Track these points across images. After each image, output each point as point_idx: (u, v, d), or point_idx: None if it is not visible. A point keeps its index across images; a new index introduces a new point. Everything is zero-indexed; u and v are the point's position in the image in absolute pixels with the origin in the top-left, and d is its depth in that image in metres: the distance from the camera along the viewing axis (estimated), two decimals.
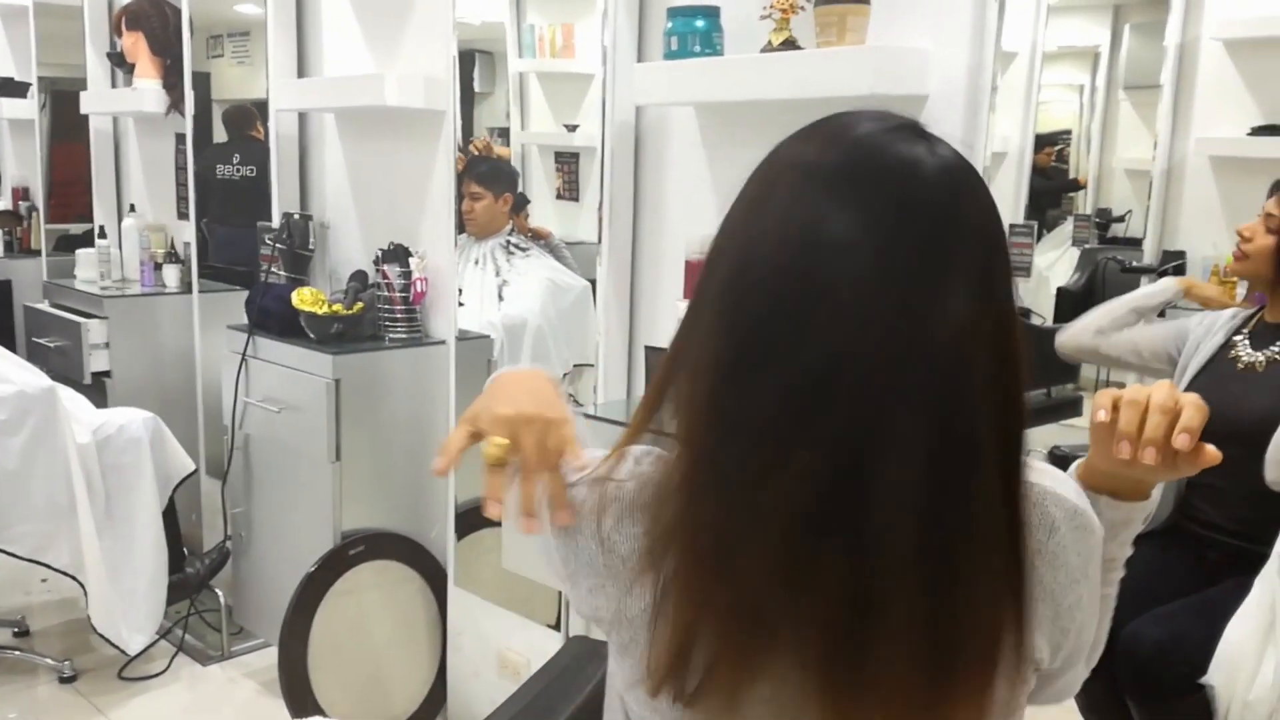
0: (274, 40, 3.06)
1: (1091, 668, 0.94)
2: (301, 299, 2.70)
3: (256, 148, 3.28)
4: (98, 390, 3.34)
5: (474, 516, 2.59)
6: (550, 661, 1.41)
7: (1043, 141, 1.98)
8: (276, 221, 3.07)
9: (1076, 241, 1.95)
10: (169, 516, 2.96)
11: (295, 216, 3.02)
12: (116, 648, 2.85)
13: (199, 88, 3.40)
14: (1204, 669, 1.52)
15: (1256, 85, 1.71)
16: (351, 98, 2.74)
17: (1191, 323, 1.81)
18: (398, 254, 2.67)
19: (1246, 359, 1.74)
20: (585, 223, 2.45)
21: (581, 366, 2.46)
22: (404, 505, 2.75)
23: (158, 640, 3.01)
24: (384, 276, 2.67)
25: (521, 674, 2.40)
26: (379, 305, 2.71)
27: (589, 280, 2.40)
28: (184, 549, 3.11)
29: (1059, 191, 2.03)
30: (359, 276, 2.80)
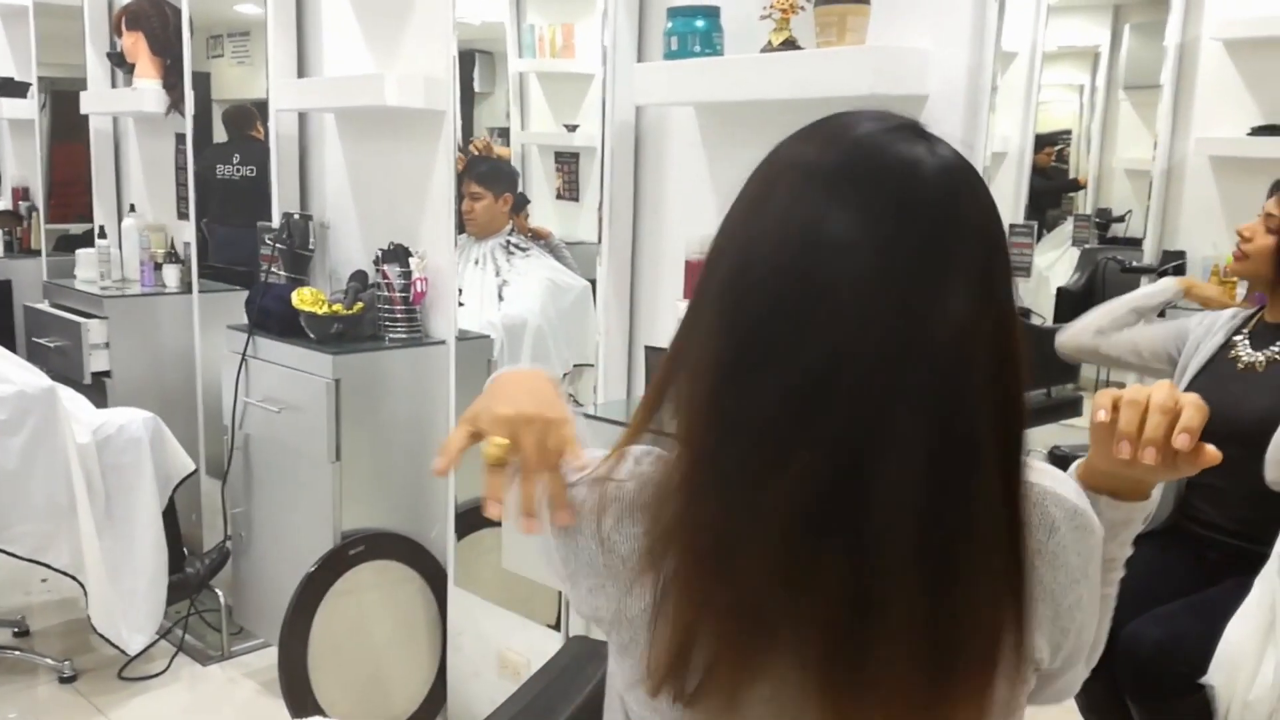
0: (274, 40, 3.06)
1: (1091, 668, 0.94)
2: (301, 299, 2.70)
3: (256, 148, 3.28)
4: (98, 390, 3.34)
5: (474, 516, 2.59)
6: (550, 661, 1.41)
7: (1043, 141, 1.98)
8: (276, 221, 3.07)
9: (1076, 241, 1.95)
10: (169, 516, 2.96)
11: (295, 216, 3.02)
12: (116, 648, 2.85)
13: (199, 88, 3.40)
14: (1204, 669, 1.52)
15: (1256, 85, 1.70)
16: (351, 98, 2.74)
17: (1191, 323, 1.81)
18: (398, 254, 2.67)
19: (1246, 359, 1.74)
20: (585, 223, 2.45)
21: (581, 366, 2.46)
22: (404, 505, 2.75)
23: (158, 640, 3.01)
24: (384, 276, 2.67)
25: (521, 674, 2.40)
26: (379, 305, 2.71)
27: (589, 280, 2.40)
28: (184, 549, 3.11)
29: (1059, 191, 2.02)
30: (359, 276, 2.80)
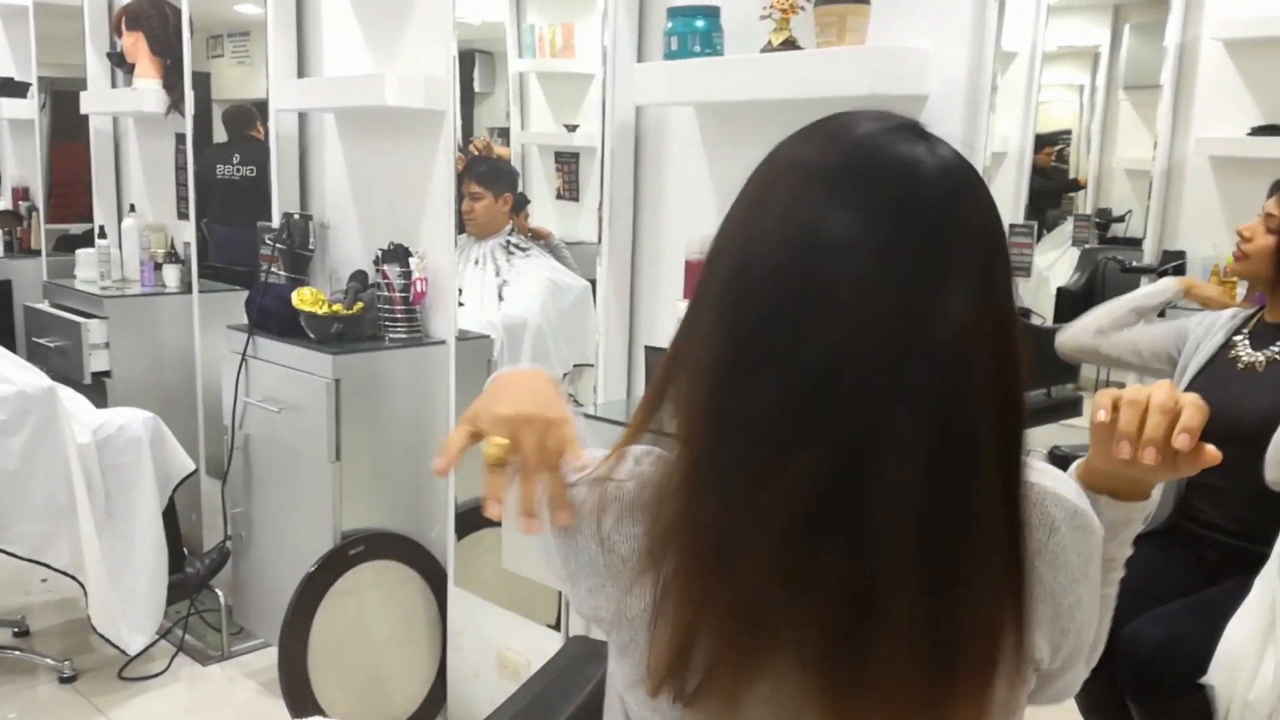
0: (274, 40, 3.06)
1: (1091, 668, 0.94)
2: (301, 299, 2.70)
3: (257, 148, 3.28)
4: (98, 390, 3.34)
5: (474, 516, 2.59)
6: (550, 661, 1.41)
7: (1043, 141, 1.98)
8: (276, 221, 3.07)
9: (1076, 241, 1.95)
10: (169, 516, 2.96)
11: (295, 216, 3.02)
12: (116, 648, 2.85)
13: (199, 88, 3.40)
14: (1204, 669, 1.52)
15: (1256, 85, 1.70)
16: (351, 98, 2.74)
17: (1191, 323, 1.81)
18: (398, 254, 2.67)
19: (1246, 359, 1.74)
20: (585, 223, 2.45)
21: (581, 366, 2.46)
22: (404, 505, 2.75)
23: (158, 640, 3.01)
24: (384, 276, 2.67)
25: (521, 674, 2.40)
26: (379, 305, 2.71)
27: (589, 280, 2.40)
28: (184, 549, 3.11)
29: (1059, 191, 2.02)
30: (359, 276, 2.80)
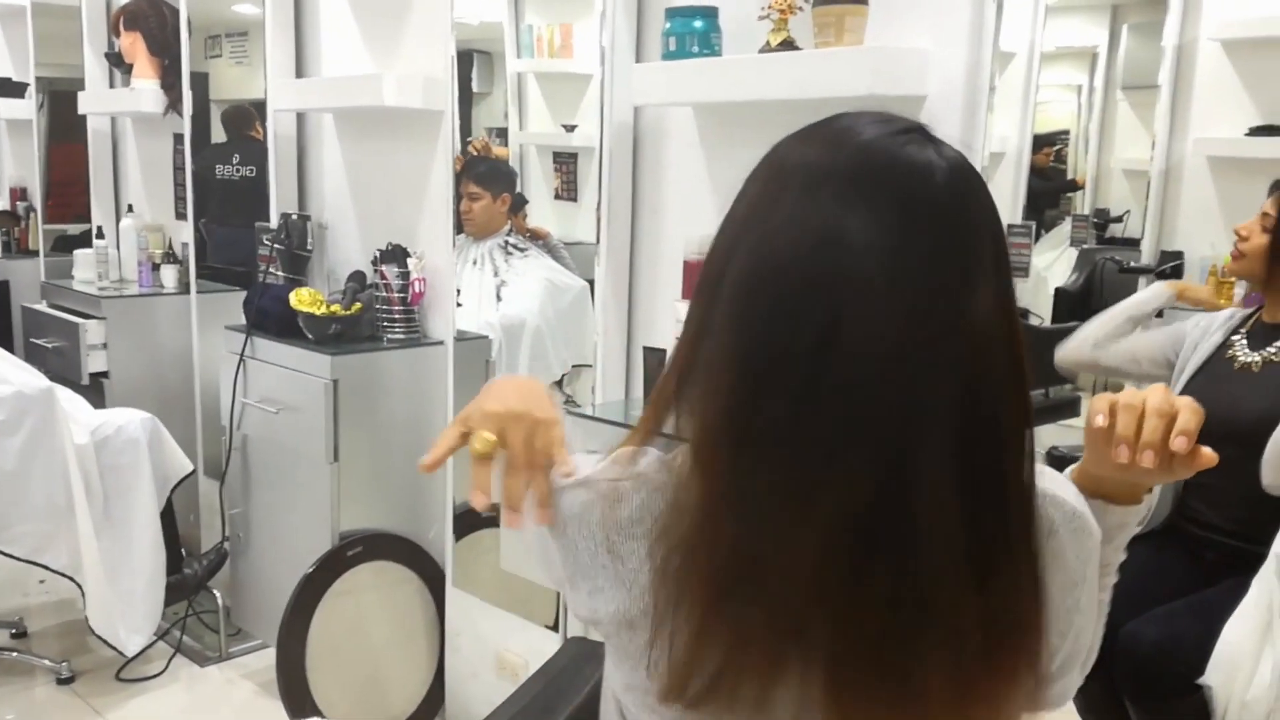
0: (272, 40, 3.05)
1: (1085, 674, 0.94)
2: (299, 299, 2.70)
3: (256, 148, 3.28)
4: (95, 391, 3.34)
5: (472, 518, 2.59)
6: (548, 662, 1.41)
7: (1041, 142, 1.98)
8: (274, 222, 3.07)
9: (1075, 242, 1.95)
10: (167, 517, 2.96)
11: (293, 217, 3.02)
12: (114, 649, 2.85)
13: (197, 88, 3.40)
14: (1201, 669, 1.53)
15: (1254, 85, 1.70)
16: (350, 98, 2.74)
17: (1188, 325, 1.81)
18: (396, 254, 2.67)
19: (1244, 359, 1.74)
20: (583, 223, 2.45)
21: (580, 367, 2.46)
22: (402, 506, 2.75)
23: (155, 641, 3.00)
24: (382, 277, 2.67)
25: (520, 675, 2.40)
26: (377, 306, 2.71)
27: (587, 280, 2.40)
28: (182, 550, 3.11)
29: (1057, 192, 2.02)
30: (357, 277, 2.79)
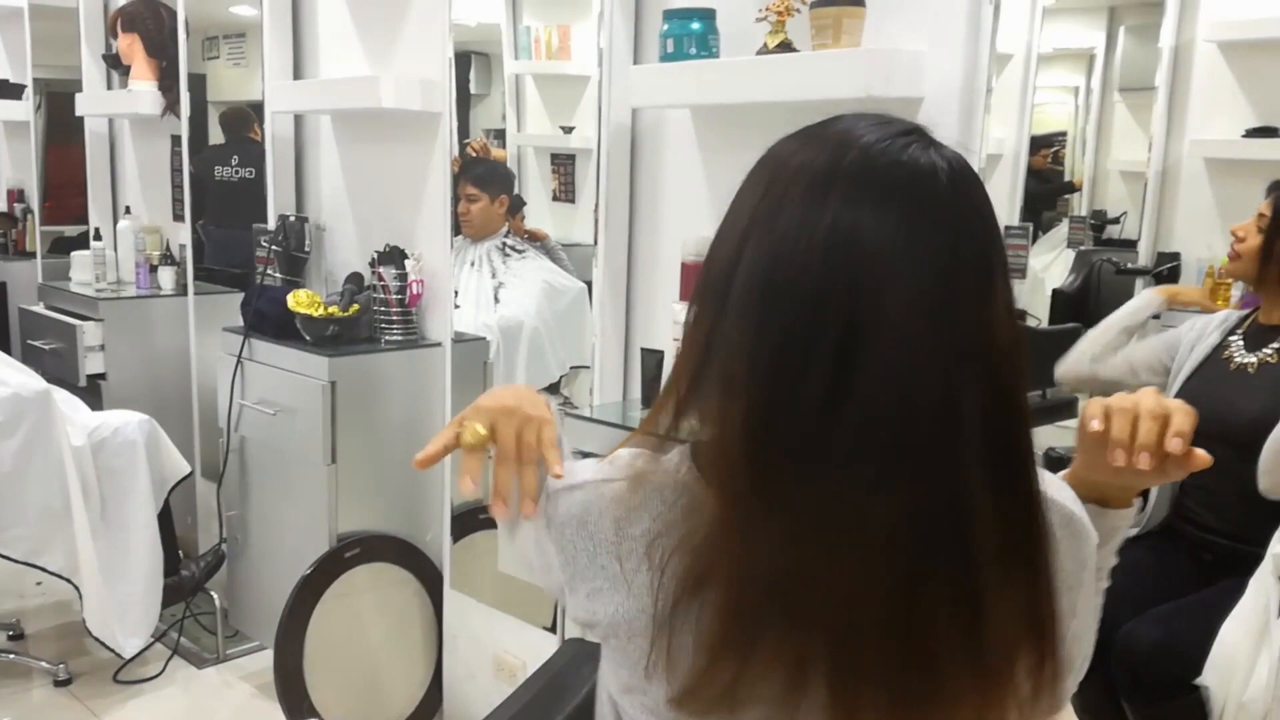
0: (270, 42, 3.05)
1: (1079, 680, 0.95)
2: (297, 301, 2.69)
3: (255, 149, 3.28)
4: (93, 393, 3.34)
5: (470, 519, 2.59)
6: (546, 664, 1.41)
7: (1038, 143, 1.98)
8: (272, 223, 3.07)
9: (1072, 243, 1.96)
10: (164, 519, 2.96)
11: (291, 218, 3.02)
12: (111, 651, 2.84)
13: (194, 90, 3.40)
14: (1199, 670, 1.53)
15: (1251, 87, 1.71)
16: (347, 100, 2.74)
17: (1183, 329, 1.81)
18: (393, 256, 2.67)
19: (1240, 360, 1.74)
20: (581, 225, 2.45)
21: (578, 368, 2.46)
22: (400, 508, 2.75)
23: (153, 643, 2.99)
24: (380, 279, 2.67)
25: (517, 676, 2.40)
26: (375, 307, 2.71)
27: (585, 282, 2.40)
28: (179, 552, 3.11)
29: (1054, 193, 2.03)
30: (355, 279, 2.79)
